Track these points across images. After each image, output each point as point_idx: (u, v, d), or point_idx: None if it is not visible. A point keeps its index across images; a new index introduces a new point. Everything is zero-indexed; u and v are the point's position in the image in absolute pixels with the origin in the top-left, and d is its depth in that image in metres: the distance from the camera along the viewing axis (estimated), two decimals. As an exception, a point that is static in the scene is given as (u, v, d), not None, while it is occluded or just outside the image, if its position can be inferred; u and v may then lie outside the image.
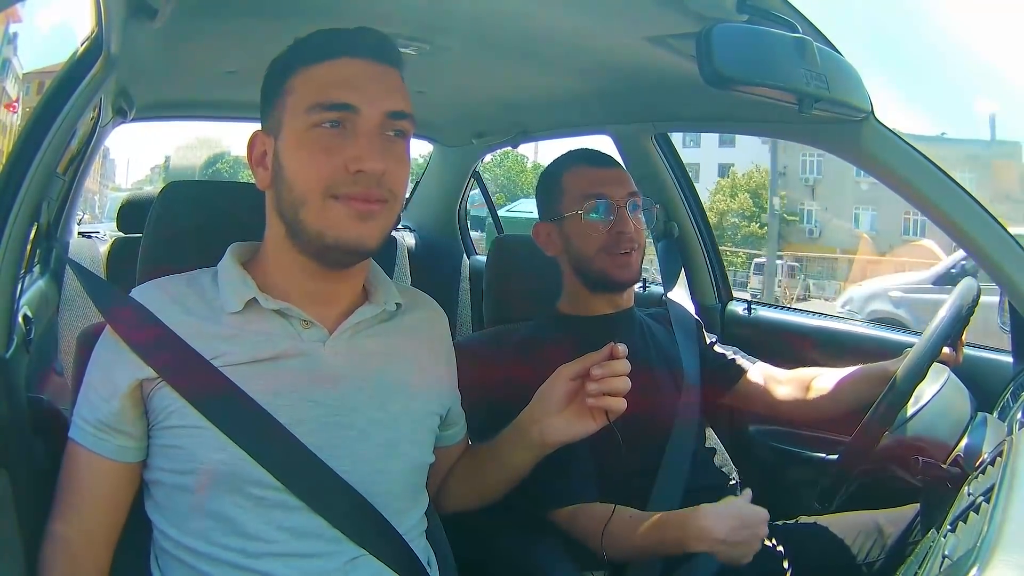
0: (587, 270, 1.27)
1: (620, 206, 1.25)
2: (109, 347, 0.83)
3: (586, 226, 1.25)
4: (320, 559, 0.81)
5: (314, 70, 0.83)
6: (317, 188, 0.81)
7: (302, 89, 0.83)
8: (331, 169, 0.80)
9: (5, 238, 0.81)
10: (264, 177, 0.86)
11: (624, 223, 1.24)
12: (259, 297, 0.84)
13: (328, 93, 0.81)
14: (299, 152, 0.82)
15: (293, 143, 0.82)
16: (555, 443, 0.94)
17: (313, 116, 0.81)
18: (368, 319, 0.90)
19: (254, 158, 0.87)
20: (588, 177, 1.27)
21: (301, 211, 0.81)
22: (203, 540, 0.80)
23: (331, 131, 0.81)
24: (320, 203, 0.81)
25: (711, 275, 1.84)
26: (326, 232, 0.81)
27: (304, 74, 0.83)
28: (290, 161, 0.82)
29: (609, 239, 1.24)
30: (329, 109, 0.81)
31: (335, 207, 0.81)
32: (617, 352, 0.89)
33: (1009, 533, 0.61)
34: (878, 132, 1.10)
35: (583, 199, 1.25)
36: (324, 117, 0.81)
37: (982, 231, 1.10)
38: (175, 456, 0.81)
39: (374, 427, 0.86)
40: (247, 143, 0.88)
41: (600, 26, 1.10)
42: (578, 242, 1.26)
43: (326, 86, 0.82)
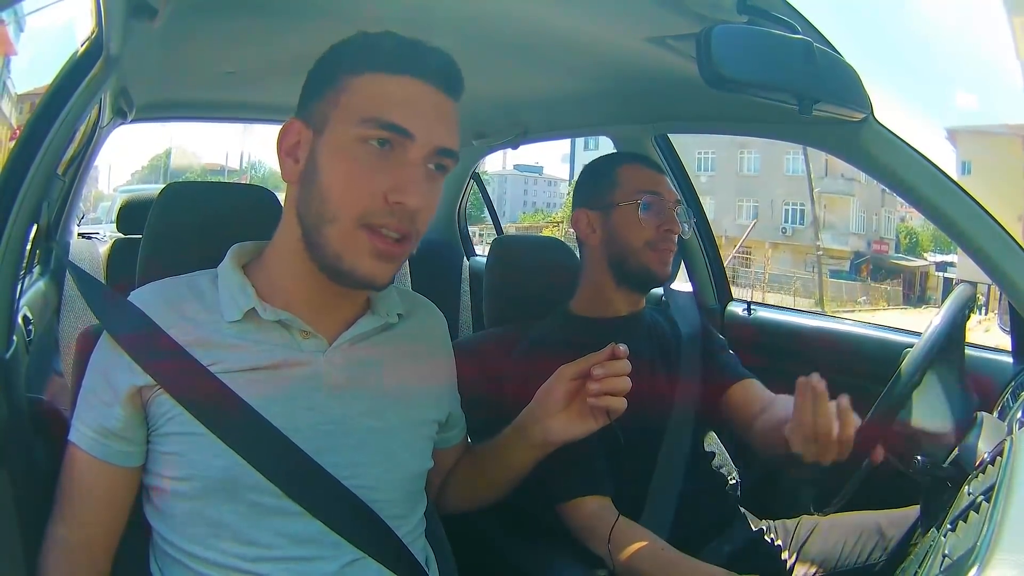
0: (626, 262, 1.28)
1: (672, 207, 1.29)
2: (107, 352, 0.83)
3: (638, 218, 1.27)
4: (318, 563, 0.81)
5: (378, 79, 0.79)
6: (352, 213, 0.77)
7: (361, 94, 0.79)
8: (370, 196, 0.77)
9: (5, 238, 0.80)
10: (293, 170, 0.82)
11: (674, 223, 1.28)
12: (258, 307, 0.83)
13: (387, 110, 0.77)
14: (342, 163, 0.78)
15: (336, 149, 0.79)
16: (556, 442, 0.95)
17: (364, 129, 0.77)
18: (369, 330, 0.89)
19: (285, 146, 0.83)
20: (645, 175, 1.31)
21: (327, 227, 0.78)
22: (202, 545, 0.80)
23: (379, 151, 0.78)
24: (351, 229, 0.78)
25: (711, 276, 1.84)
26: (344, 258, 0.79)
27: (366, 79, 0.79)
28: (330, 169, 0.79)
29: (657, 235, 1.27)
30: (384, 128, 0.77)
31: (362, 237, 0.78)
32: (618, 352, 0.89)
33: (1009, 532, 0.61)
34: (878, 133, 1.10)
35: (639, 193, 1.28)
36: (376, 135, 0.77)
37: (982, 231, 1.10)
38: (173, 463, 0.81)
39: (372, 436, 0.86)
40: (281, 129, 0.83)
41: (600, 27, 1.10)
42: (625, 232, 1.28)
43: (386, 102, 0.78)
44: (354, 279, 0.80)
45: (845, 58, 1.01)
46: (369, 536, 0.83)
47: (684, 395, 1.28)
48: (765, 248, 20.45)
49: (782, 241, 19.98)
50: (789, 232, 20.94)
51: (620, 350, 0.89)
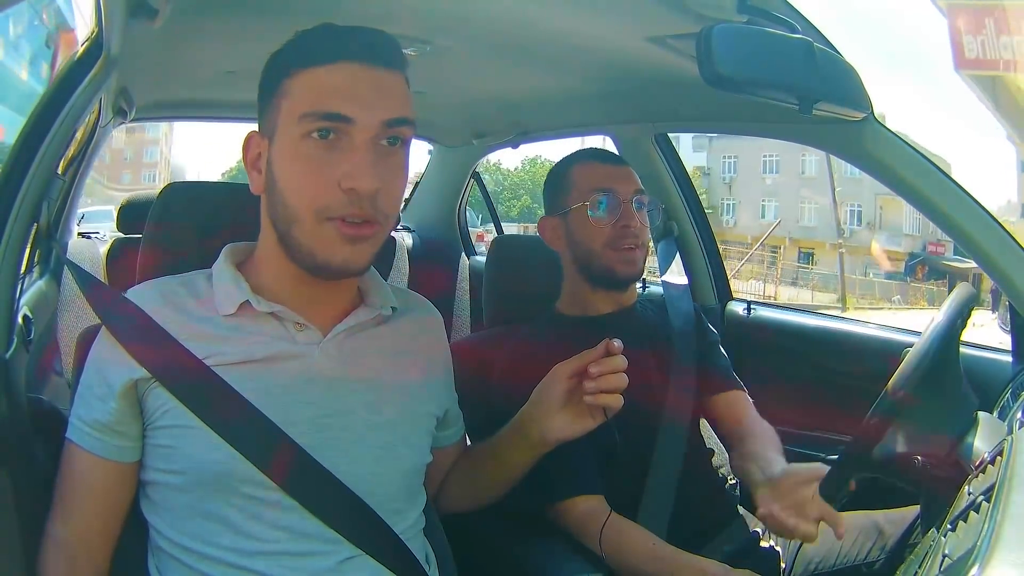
0: (591, 265, 1.27)
1: (626, 202, 1.26)
2: (104, 347, 0.83)
3: (591, 220, 1.25)
4: (314, 558, 0.81)
5: (310, 74, 0.79)
6: (310, 208, 0.78)
7: (297, 94, 0.79)
8: (324, 188, 0.77)
9: (5, 238, 0.80)
10: (258, 181, 0.84)
11: (629, 218, 1.25)
12: (252, 299, 0.84)
13: (322, 101, 0.78)
14: (292, 164, 0.79)
15: (286, 152, 0.80)
16: (554, 441, 0.94)
17: (305, 125, 0.78)
18: (363, 322, 0.90)
19: (249, 160, 0.85)
20: (597, 172, 1.29)
21: (293, 228, 0.80)
22: (198, 540, 0.80)
23: (323, 143, 0.78)
24: (313, 224, 0.79)
25: (710, 275, 1.84)
26: (317, 253, 0.80)
27: (300, 77, 0.79)
28: (282, 172, 0.80)
29: (613, 233, 1.25)
30: (322, 119, 0.77)
31: (327, 228, 0.79)
32: (612, 348, 0.89)
33: (1009, 532, 0.61)
34: (878, 132, 1.10)
35: (590, 193, 1.26)
36: (316, 127, 0.77)
37: (982, 231, 1.10)
38: (169, 456, 0.81)
39: (369, 430, 0.86)
40: (242, 143, 0.86)
41: (600, 26, 1.10)
42: (583, 236, 1.27)
43: (320, 93, 0.78)
44: (332, 270, 0.81)
45: (845, 57, 1.01)
46: (366, 532, 0.83)
47: (678, 391, 1.27)
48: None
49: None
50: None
51: (614, 345, 0.89)
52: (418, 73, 1.39)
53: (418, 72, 1.37)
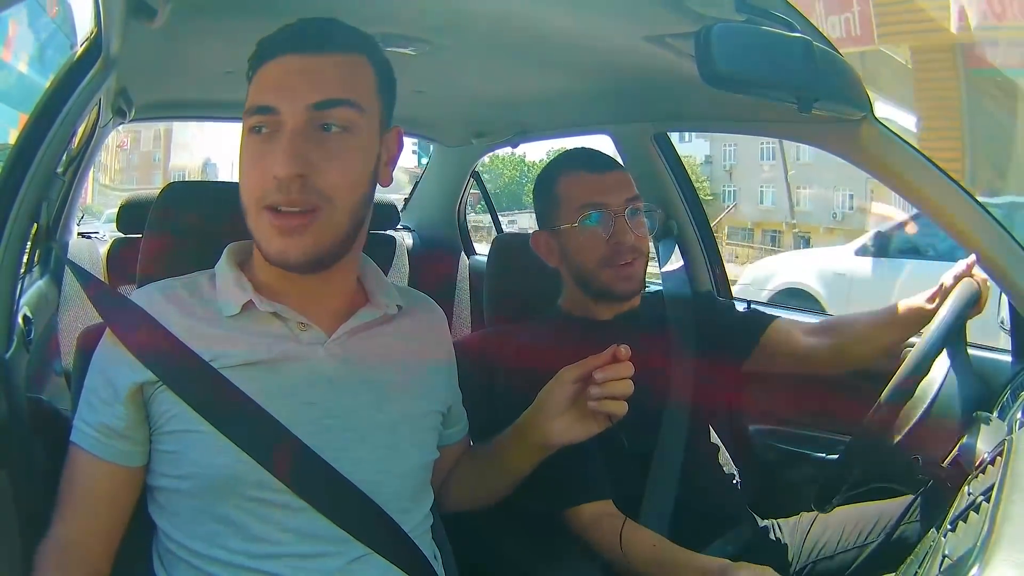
0: (588, 282, 1.24)
1: (618, 215, 1.20)
2: (109, 351, 0.83)
3: (584, 238, 1.20)
4: (324, 559, 0.81)
5: (261, 70, 0.82)
6: (251, 198, 0.81)
7: (250, 91, 0.83)
8: (259, 179, 0.79)
9: (5, 238, 0.80)
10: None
11: (623, 233, 1.20)
12: (255, 299, 0.84)
13: (256, 97, 0.81)
14: (241, 159, 0.82)
15: (240, 148, 0.83)
16: (557, 445, 0.94)
17: (248, 121, 0.81)
18: (367, 322, 0.90)
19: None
20: (584, 185, 1.23)
21: (248, 221, 0.82)
22: (207, 543, 0.80)
23: (260, 137, 0.80)
24: (254, 215, 0.81)
25: (710, 275, 1.84)
26: (260, 243, 0.82)
27: (255, 77, 0.83)
28: (239, 167, 0.83)
29: (609, 250, 1.20)
30: (255, 113, 0.80)
31: (263, 218, 0.80)
32: (620, 355, 0.88)
33: (1009, 532, 0.61)
34: (877, 132, 1.10)
35: (579, 209, 1.20)
36: (253, 122, 0.81)
37: (982, 231, 1.11)
38: (176, 461, 0.81)
39: (374, 429, 0.86)
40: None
41: (599, 26, 1.10)
42: (577, 254, 1.23)
43: (257, 89, 0.82)
44: (272, 260, 0.82)
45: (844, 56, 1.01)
46: (375, 531, 0.83)
47: (682, 391, 1.27)
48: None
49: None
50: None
51: (622, 352, 0.88)
52: (418, 73, 1.40)
53: (418, 72, 1.38)
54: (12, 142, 0.89)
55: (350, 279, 0.92)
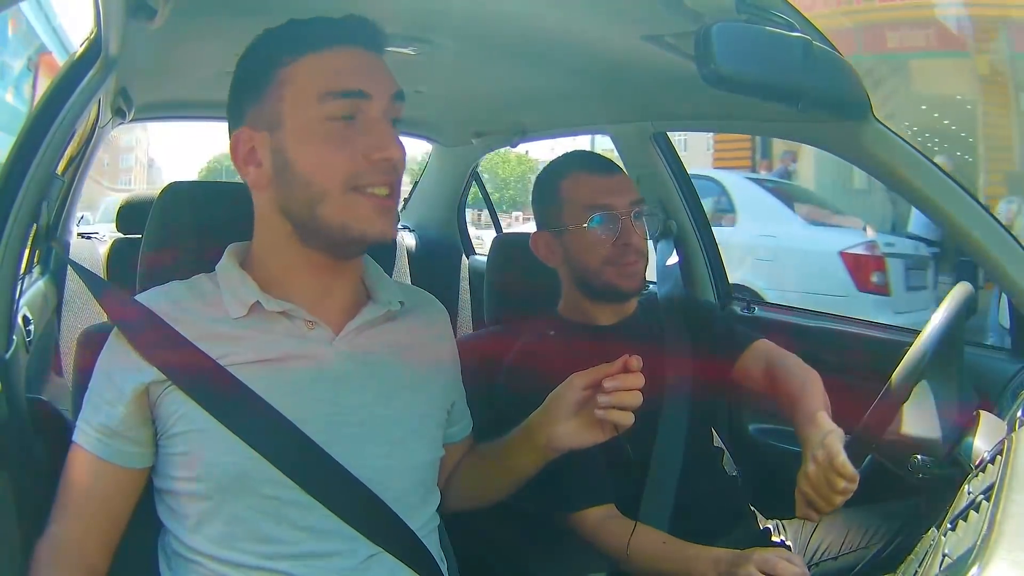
0: (591, 283, 1.24)
1: (625, 216, 1.20)
2: (115, 351, 0.83)
3: (590, 239, 1.20)
4: (337, 558, 0.81)
5: (313, 59, 0.81)
6: (338, 181, 0.79)
7: (306, 79, 0.80)
8: (351, 161, 0.79)
9: (5, 238, 0.81)
10: (259, 175, 0.83)
11: (630, 234, 1.20)
12: (262, 299, 0.84)
13: (338, 80, 0.80)
14: (315, 146, 0.80)
15: (304, 136, 0.80)
16: (562, 449, 0.93)
17: (326, 106, 0.79)
18: (372, 318, 0.90)
19: (241, 156, 0.84)
20: (590, 186, 1.23)
21: (320, 207, 0.80)
22: (219, 545, 0.80)
23: (344, 123, 0.80)
24: (343, 197, 0.80)
25: (710, 275, 1.84)
26: (351, 226, 0.81)
27: (301, 64, 0.81)
28: (303, 156, 0.80)
29: (614, 251, 1.20)
30: (342, 96, 0.79)
31: (359, 200, 0.80)
32: (631, 365, 0.87)
33: (1009, 531, 0.61)
34: (877, 131, 1.10)
35: (585, 211, 1.20)
36: (337, 105, 0.79)
37: (982, 230, 1.11)
38: (185, 463, 0.81)
39: (381, 426, 0.86)
40: (231, 143, 0.85)
41: (599, 25, 1.10)
42: (581, 255, 1.22)
43: (333, 74, 0.80)
44: (366, 241, 0.83)
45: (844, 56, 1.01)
46: (384, 530, 0.84)
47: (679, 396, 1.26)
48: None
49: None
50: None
51: (633, 363, 0.87)
52: (418, 72, 1.40)
53: (418, 71, 1.38)
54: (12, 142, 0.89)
55: (358, 275, 0.92)
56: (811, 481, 0.97)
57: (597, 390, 0.89)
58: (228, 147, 0.86)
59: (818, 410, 1.05)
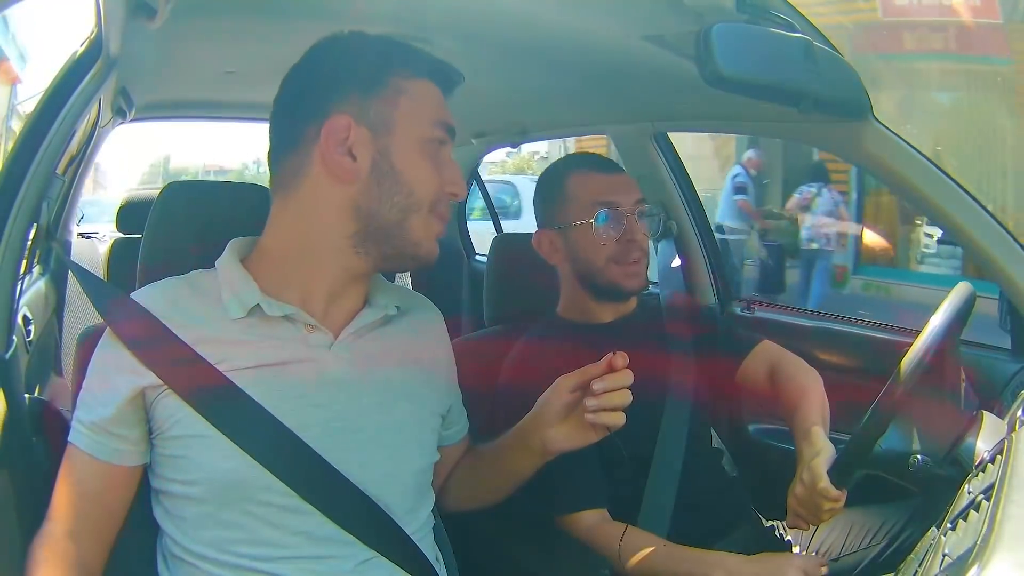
0: (595, 280, 1.24)
1: (630, 215, 1.21)
2: (109, 351, 0.82)
3: (595, 236, 1.21)
4: (332, 561, 0.81)
5: (424, 84, 0.87)
6: (427, 201, 0.85)
7: (422, 99, 0.86)
8: (437, 186, 0.86)
9: (5, 238, 0.81)
10: (352, 169, 0.82)
11: (635, 232, 1.21)
12: (263, 303, 0.83)
13: (444, 114, 0.88)
14: (421, 161, 0.85)
15: (412, 149, 0.84)
16: (555, 452, 0.93)
17: (435, 131, 0.86)
18: (370, 323, 0.90)
19: (333, 142, 0.82)
20: (596, 184, 1.24)
21: (413, 218, 0.84)
22: (214, 548, 0.80)
23: (440, 148, 0.88)
24: (427, 216, 0.86)
25: (711, 275, 1.84)
26: (423, 244, 0.86)
27: (417, 84, 0.86)
28: (410, 164, 0.84)
29: (619, 249, 1.21)
30: (446, 130, 0.88)
31: (435, 223, 0.87)
32: (616, 363, 0.86)
33: (1009, 531, 0.61)
34: (877, 132, 1.10)
35: (592, 207, 1.21)
36: (440, 135, 0.87)
37: (982, 230, 1.11)
38: (181, 466, 0.81)
39: (380, 431, 0.86)
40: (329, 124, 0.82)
41: (599, 26, 1.10)
42: (585, 252, 1.23)
43: (440, 105, 0.88)
44: (423, 259, 0.88)
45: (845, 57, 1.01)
46: (380, 534, 0.83)
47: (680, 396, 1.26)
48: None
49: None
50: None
51: (618, 361, 0.86)
52: (418, 73, 1.40)
53: (418, 72, 1.38)
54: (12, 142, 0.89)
55: (368, 282, 0.92)
56: (798, 499, 1.02)
57: (586, 391, 0.88)
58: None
59: (813, 425, 1.07)
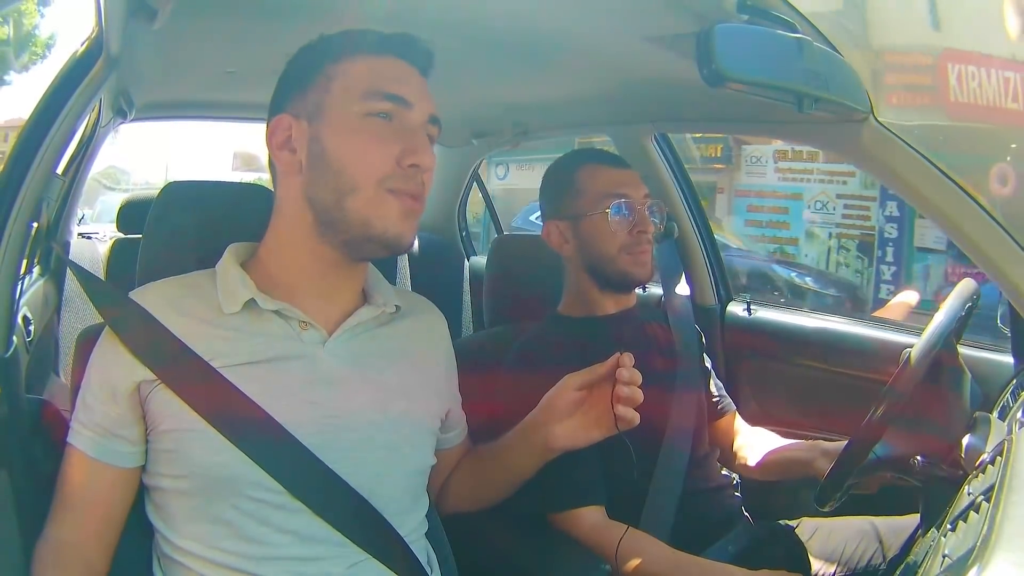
0: (605, 270, 1.27)
1: (640, 207, 1.26)
2: (107, 350, 0.83)
3: (608, 226, 1.24)
4: (322, 563, 0.81)
5: (364, 60, 0.84)
6: (372, 178, 0.82)
7: (353, 76, 0.83)
8: (386, 161, 0.82)
9: (5, 238, 0.81)
10: (292, 161, 0.85)
11: (645, 223, 1.25)
12: (257, 298, 0.84)
13: (385, 84, 0.83)
14: (351, 139, 0.82)
15: (342, 128, 0.82)
16: (559, 450, 0.94)
17: (369, 103, 0.82)
18: (366, 321, 0.89)
19: (277, 142, 0.86)
20: (607, 177, 1.27)
21: (349, 198, 0.82)
22: (204, 544, 0.80)
23: (383, 122, 0.83)
24: (374, 193, 0.82)
25: (711, 275, 1.84)
26: (373, 223, 0.82)
27: (353, 62, 0.84)
28: (339, 147, 0.82)
29: (630, 239, 1.25)
30: (386, 99, 0.83)
31: (387, 199, 0.82)
32: (624, 361, 0.87)
33: (1009, 532, 0.61)
34: (878, 132, 1.10)
35: (605, 198, 1.25)
36: (379, 107, 0.82)
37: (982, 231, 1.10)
38: (172, 461, 0.81)
39: (375, 430, 0.86)
40: (268, 127, 0.87)
41: (600, 26, 1.10)
42: (597, 242, 1.26)
43: (381, 78, 0.84)
44: (385, 241, 0.83)
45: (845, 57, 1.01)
46: (371, 536, 0.83)
47: (683, 392, 1.27)
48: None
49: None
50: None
51: (625, 359, 0.87)
52: (418, 73, 1.40)
53: (418, 72, 1.38)
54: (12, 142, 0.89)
55: (361, 281, 0.92)
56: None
57: (591, 391, 0.89)
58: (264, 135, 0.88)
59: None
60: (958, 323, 1.08)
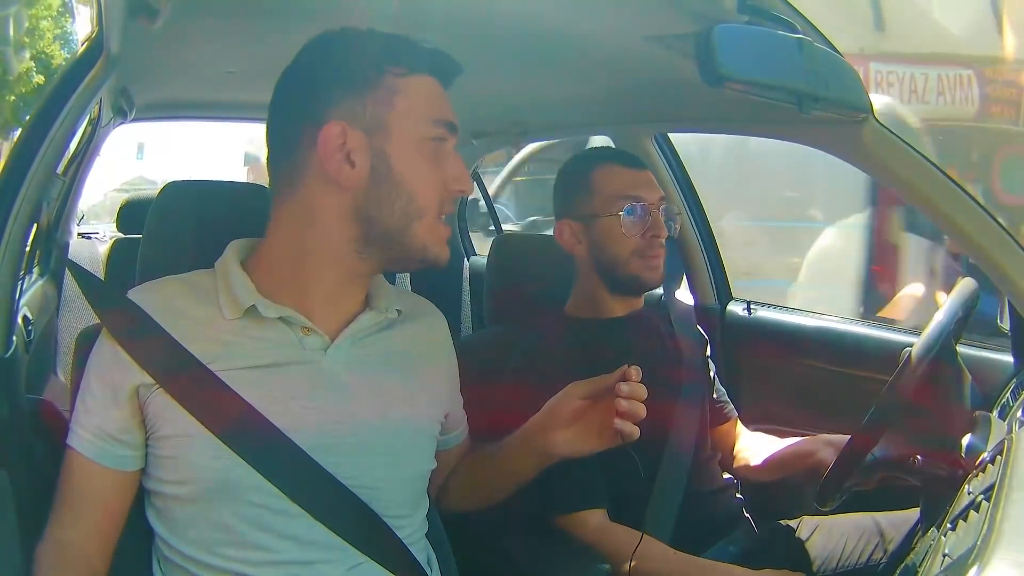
0: (616, 272, 1.25)
1: (655, 211, 1.24)
2: (106, 352, 0.82)
3: (621, 228, 1.23)
4: (322, 566, 0.81)
5: (421, 80, 0.84)
6: (435, 204, 0.83)
7: (418, 96, 0.83)
8: (440, 187, 0.84)
9: (5, 238, 0.80)
10: (352, 176, 0.81)
11: (660, 227, 1.24)
12: (259, 304, 0.83)
13: (443, 109, 0.85)
14: (421, 163, 0.83)
15: (412, 150, 0.82)
16: (559, 456, 0.93)
17: (434, 129, 0.83)
18: (369, 326, 0.89)
19: (331, 149, 0.80)
20: (623, 178, 1.26)
21: (416, 224, 0.82)
22: (204, 550, 0.80)
23: (438, 147, 0.84)
24: (434, 220, 0.84)
25: (711, 276, 1.84)
26: (430, 248, 0.84)
27: (413, 80, 0.83)
28: (409, 170, 0.82)
29: (643, 243, 1.23)
30: (445, 126, 0.84)
31: (440, 226, 0.85)
32: (631, 375, 0.86)
33: (1009, 531, 0.61)
34: (878, 132, 1.10)
35: (619, 200, 1.23)
36: (440, 132, 0.84)
37: (982, 231, 1.10)
38: (172, 465, 0.80)
39: (376, 435, 0.85)
40: (324, 133, 0.80)
41: (599, 26, 1.10)
42: (610, 244, 1.24)
43: (438, 101, 0.85)
44: (430, 263, 0.86)
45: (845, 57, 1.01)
46: (372, 539, 0.83)
47: (688, 395, 1.27)
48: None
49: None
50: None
51: (632, 372, 0.86)
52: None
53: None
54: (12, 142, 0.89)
55: (367, 284, 0.91)
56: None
57: (596, 400, 0.88)
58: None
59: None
60: (958, 323, 1.08)
